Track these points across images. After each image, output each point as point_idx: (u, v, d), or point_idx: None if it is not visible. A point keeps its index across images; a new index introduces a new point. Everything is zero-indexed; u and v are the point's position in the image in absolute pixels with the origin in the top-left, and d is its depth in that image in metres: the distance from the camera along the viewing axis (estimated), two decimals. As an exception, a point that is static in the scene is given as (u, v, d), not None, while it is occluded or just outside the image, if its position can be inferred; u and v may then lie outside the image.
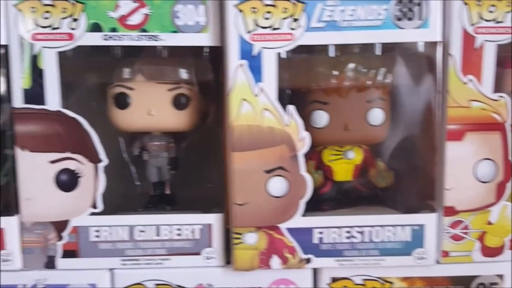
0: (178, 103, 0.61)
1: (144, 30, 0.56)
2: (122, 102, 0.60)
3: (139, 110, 0.60)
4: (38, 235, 0.59)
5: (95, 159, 0.59)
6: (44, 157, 0.58)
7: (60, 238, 0.59)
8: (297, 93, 0.61)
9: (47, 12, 0.55)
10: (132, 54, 0.60)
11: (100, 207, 0.59)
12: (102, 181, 0.58)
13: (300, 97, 0.61)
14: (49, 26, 0.55)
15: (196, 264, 0.60)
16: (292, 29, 0.55)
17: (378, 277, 0.61)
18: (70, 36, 0.56)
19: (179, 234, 0.60)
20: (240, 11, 0.55)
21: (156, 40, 0.56)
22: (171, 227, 0.60)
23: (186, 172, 0.67)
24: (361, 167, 0.65)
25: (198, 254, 0.60)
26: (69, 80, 0.58)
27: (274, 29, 0.55)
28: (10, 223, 0.58)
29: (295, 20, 0.55)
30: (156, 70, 0.61)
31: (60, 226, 0.59)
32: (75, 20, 0.55)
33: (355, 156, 0.64)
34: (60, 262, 0.59)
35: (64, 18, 0.55)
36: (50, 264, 0.59)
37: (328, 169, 0.64)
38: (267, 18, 0.55)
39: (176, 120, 0.61)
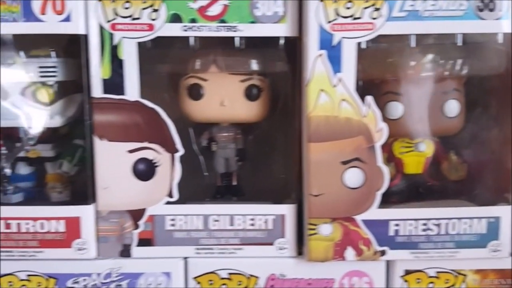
0: (250, 94, 0.61)
1: (223, 21, 0.56)
2: (196, 93, 0.61)
3: (212, 101, 0.61)
4: (114, 223, 0.60)
5: (172, 149, 0.59)
6: (122, 146, 0.58)
7: (136, 226, 0.60)
8: (370, 84, 0.61)
9: (128, 2, 0.56)
10: (207, 45, 0.60)
11: (176, 196, 0.60)
12: (178, 170, 0.59)
13: (373, 88, 0.61)
14: (129, 16, 0.56)
15: (269, 254, 0.60)
16: (374, 18, 0.55)
17: (451, 270, 0.61)
18: (150, 27, 0.56)
19: (252, 224, 0.60)
20: (321, 0, 0.55)
21: (234, 31, 0.56)
22: (244, 217, 0.60)
23: (253, 163, 0.67)
24: (431, 159, 0.65)
25: (271, 244, 0.60)
26: (144, 70, 0.60)
27: (355, 18, 0.55)
28: (86, 212, 0.59)
29: (377, 9, 0.55)
30: (230, 61, 0.61)
31: (136, 214, 0.59)
32: (155, 10, 0.56)
33: (427, 148, 0.63)
34: (136, 250, 0.60)
35: (144, 9, 0.56)
36: (125, 252, 0.60)
37: (399, 162, 0.63)
38: (348, 8, 0.55)
39: (248, 111, 0.61)
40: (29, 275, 0.60)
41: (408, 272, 0.60)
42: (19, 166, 0.65)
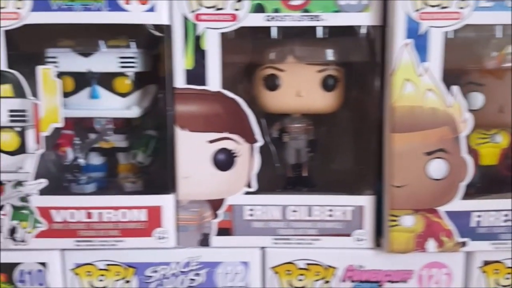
0: (327, 84, 0.61)
1: (306, 11, 0.56)
2: (272, 83, 0.60)
3: (289, 91, 0.60)
4: (194, 213, 0.60)
5: (251, 139, 0.59)
6: (203, 136, 0.58)
7: (215, 216, 0.60)
8: (451, 74, 0.60)
9: (211, -8, 0.56)
10: (284, 35, 0.60)
11: (255, 186, 0.60)
12: (257, 161, 0.59)
13: (454, 78, 0.60)
14: (213, 7, 0.56)
15: (347, 246, 0.60)
16: (461, 8, 0.54)
17: (530, 260, 0.61)
18: (234, 17, 0.56)
19: (330, 215, 0.60)
20: (409, -11, 0.55)
21: (317, 20, 0.56)
22: (323, 208, 0.60)
23: (323, 154, 0.67)
24: (506, 151, 0.64)
25: (349, 235, 0.60)
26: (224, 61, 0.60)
27: (443, 7, 0.54)
28: (167, 202, 0.60)
29: (465, -1, 0.55)
30: (307, 51, 0.61)
31: (215, 204, 0.60)
32: (239, 1, 0.56)
33: (503, 139, 0.62)
34: (214, 239, 0.60)
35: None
36: (204, 241, 0.61)
37: (474, 153, 0.63)
38: (436, -3, 0.55)
39: (324, 101, 0.61)
40: (108, 265, 0.61)
41: (486, 263, 0.60)
42: (91, 156, 0.66)
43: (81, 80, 0.60)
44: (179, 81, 0.57)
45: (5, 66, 0.56)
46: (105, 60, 0.59)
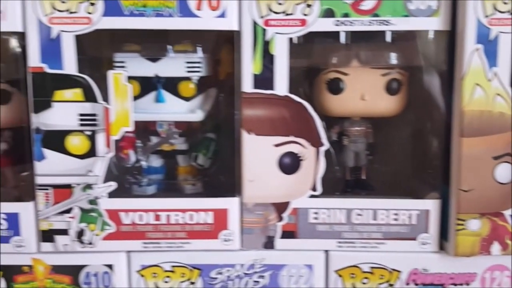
0: (391, 88, 0.61)
1: (376, 15, 0.56)
2: (336, 87, 0.61)
3: (353, 95, 0.61)
4: (259, 215, 0.61)
5: (317, 143, 0.59)
6: (269, 140, 0.59)
7: (280, 219, 0.61)
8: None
9: (282, -3, 0.57)
10: (349, 39, 0.60)
11: (320, 190, 0.60)
12: (322, 164, 0.60)
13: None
14: (283, 12, 0.57)
15: (411, 249, 0.60)
16: (532, 13, 0.55)
17: None
18: (303, 22, 0.56)
19: (395, 219, 0.60)
20: (480, -5, 0.55)
21: (387, 25, 0.56)
22: (388, 211, 0.60)
23: (381, 157, 0.68)
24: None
25: (414, 239, 0.60)
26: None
27: (513, 13, 0.55)
28: (233, 204, 0.60)
29: (536, 4, 0.55)
30: (372, 55, 0.61)
31: (280, 207, 0.60)
32: (308, 6, 0.56)
33: None
34: (279, 242, 0.61)
35: (298, 4, 0.56)
36: (269, 244, 0.61)
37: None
38: (505, 3, 0.55)
39: (388, 105, 0.61)
40: (173, 266, 0.61)
41: (550, 267, 0.61)
42: (151, 159, 0.67)
43: (147, 84, 0.61)
44: (247, 85, 0.58)
45: (76, 71, 0.58)
46: (172, 65, 0.60)
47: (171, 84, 0.62)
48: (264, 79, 0.57)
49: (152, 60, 0.60)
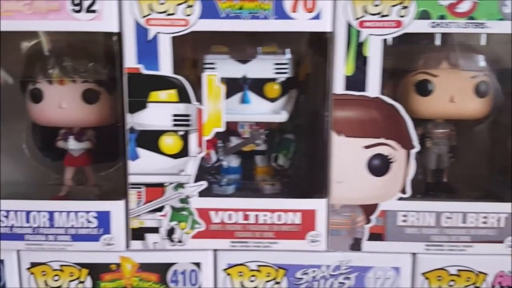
0: (480, 90, 0.61)
1: (471, 18, 0.56)
2: (425, 89, 0.61)
3: (442, 97, 0.61)
4: (346, 217, 0.61)
5: (408, 145, 0.59)
6: (359, 142, 0.59)
7: (368, 221, 0.61)
8: None
9: (377, -1, 0.57)
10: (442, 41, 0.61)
11: (409, 192, 0.60)
12: (412, 167, 0.60)
13: None
14: (379, 14, 0.57)
15: (498, 252, 0.60)
16: None
17: None
18: (398, 24, 0.56)
19: (484, 222, 0.60)
20: None
21: (482, 28, 0.56)
22: (477, 215, 0.60)
23: (464, 160, 0.67)
24: None
25: (501, 242, 0.60)
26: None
27: None
28: (321, 205, 0.60)
29: None
30: (463, 57, 0.61)
31: (368, 209, 0.60)
32: (404, 7, 0.56)
33: None
34: (366, 244, 0.61)
35: (394, 6, 0.56)
36: (355, 246, 0.61)
37: None
38: None
39: (476, 107, 0.61)
40: (259, 266, 0.62)
41: None
42: (230, 159, 0.68)
43: (233, 86, 0.62)
44: (338, 87, 0.58)
45: (171, 72, 0.59)
46: (261, 66, 0.61)
47: (257, 85, 0.62)
48: (356, 80, 0.58)
49: (241, 61, 0.62)
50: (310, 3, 0.56)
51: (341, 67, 0.57)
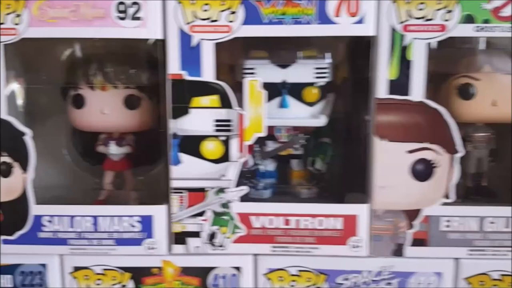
0: (522, 93, 0.61)
1: (516, 21, 0.56)
2: (467, 92, 0.60)
3: (484, 101, 0.60)
4: (389, 223, 0.60)
5: (452, 150, 0.59)
6: (402, 146, 0.59)
7: (410, 226, 0.60)
8: None
9: (422, 3, 0.56)
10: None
11: (453, 197, 0.60)
12: (456, 172, 0.59)
13: None
14: (423, 18, 0.55)
15: (541, 256, 0.61)
16: None
17: None
18: (443, 28, 0.56)
19: (531, 227, 0.60)
20: None
21: (527, 31, 0.56)
22: (526, 219, 0.60)
23: (504, 163, 0.66)
24: None
25: (543, 246, 0.60)
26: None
27: None
28: (363, 211, 0.60)
29: None
30: (505, 61, 0.60)
31: (411, 214, 0.60)
32: (449, 11, 0.56)
33: None
34: (408, 250, 0.60)
35: (438, 10, 0.56)
36: (398, 251, 0.61)
37: None
38: None
39: (518, 111, 0.62)
40: (300, 271, 0.62)
41: None
42: (266, 163, 0.68)
43: (271, 90, 0.61)
44: (381, 91, 0.58)
45: (213, 78, 0.59)
46: (301, 71, 0.61)
47: (296, 90, 0.62)
48: (400, 84, 0.57)
49: (281, 66, 0.62)
50: (353, 7, 0.56)
51: (384, 71, 0.57)
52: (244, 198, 0.61)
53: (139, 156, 0.69)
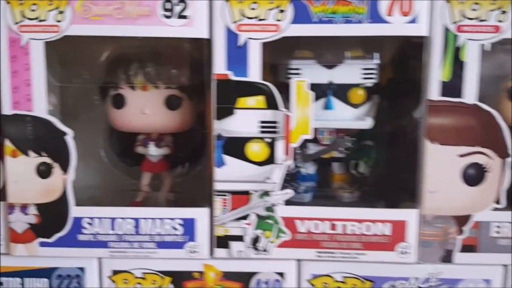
0: None
1: None
2: (517, 95, 0.60)
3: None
4: (438, 228, 0.59)
5: (504, 154, 0.57)
6: (453, 150, 0.57)
7: (460, 232, 0.59)
8: None
9: (476, 3, 0.54)
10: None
11: (503, 203, 0.58)
12: (508, 176, 0.58)
13: None
14: (476, 18, 0.55)
15: None
16: None
17: None
18: (497, 29, 0.54)
19: None
20: None
21: None
22: None
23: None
24: None
25: None
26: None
27: None
28: (412, 216, 0.58)
29: None
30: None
31: (461, 220, 0.58)
32: (503, 12, 0.54)
33: None
34: (458, 256, 0.59)
35: (492, 10, 0.54)
36: (447, 258, 0.59)
37: None
38: None
39: None
40: (345, 277, 0.60)
41: None
42: (307, 165, 0.66)
43: (316, 91, 0.59)
44: (434, 93, 0.56)
45: (260, 78, 0.57)
46: (348, 71, 0.59)
47: (341, 91, 0.61)
48: (453, 86, 0.56)
49: (328, 67, 0.60)
50: (406, 6, 0.55)
51: (437, 73, 0.56)
52: (287, 202, 0.59)
53: (177, 157, 0.69)
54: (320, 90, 0.60)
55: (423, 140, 0.57)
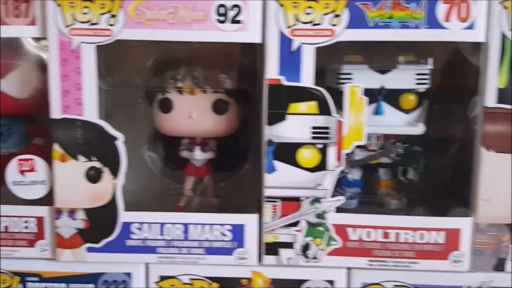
0: None
1: None
2: None
3: None
4: (492, 236, 0.58)
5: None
6: (509, 158, 0.56)
7: (515, 241, 0.59)
8: None
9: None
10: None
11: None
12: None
13: None
14: (532, 23, 0.54)
15: None
16: None
17: None
18: (557, 35, 0.54)
19: None
20: None
21: None
22: None
23: None
24: None
25: None
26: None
27: None
28: (466, 224, 0.58)
29: None
30: None
31: (515, 228, 0.59)
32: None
33: None
34: (510, 265, 0.58)
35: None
36: (499, 266, 0.58)
37: None
38: None
39: None
40: (396, 285, 0.59)
41: None
42: (353, 171, 0.65)
43: (366, 96, 0.58)
44: (490, 100, 0.55)
45: (312, 83, 0.57)
46: (401, 77, 0.59)
47: (392, 96, 0.60)
48: (509, 93, 0.55)
49: (380, 72, 0.60)
50: (464, 12, 0.54)
51: (494, 79, 0.55)
52: (338, 209, 0.58)
53: (221, 161, 0.68)
54: (371, 95, 0.59)
55: (479, 148, 0.57)
